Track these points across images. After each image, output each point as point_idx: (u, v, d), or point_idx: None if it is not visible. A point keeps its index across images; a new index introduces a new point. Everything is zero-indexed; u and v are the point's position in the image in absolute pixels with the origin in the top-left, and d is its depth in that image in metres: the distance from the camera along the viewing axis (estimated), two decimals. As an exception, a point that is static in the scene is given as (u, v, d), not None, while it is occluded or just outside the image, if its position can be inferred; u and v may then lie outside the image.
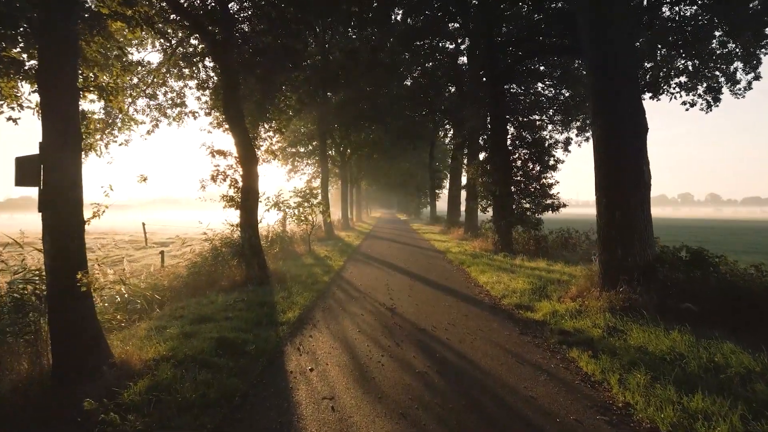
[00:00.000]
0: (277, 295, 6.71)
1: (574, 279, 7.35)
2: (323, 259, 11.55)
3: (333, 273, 9.26)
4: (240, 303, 6.17)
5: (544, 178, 12.97)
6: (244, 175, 8.52)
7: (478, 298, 6.80)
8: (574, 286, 6.44)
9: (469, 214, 18.31)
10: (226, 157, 8.82)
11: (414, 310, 5.97)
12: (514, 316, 5.61)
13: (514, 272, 8.65)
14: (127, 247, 16.80)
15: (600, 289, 5.75)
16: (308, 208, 13.20)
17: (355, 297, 6.87)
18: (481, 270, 9.13)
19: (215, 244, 8.71)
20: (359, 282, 8.24)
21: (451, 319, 5.49)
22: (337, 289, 7.53)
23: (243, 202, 8.52)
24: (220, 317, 5.44)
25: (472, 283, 8.07)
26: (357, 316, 5.68)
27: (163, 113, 10.94)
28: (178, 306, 6.23)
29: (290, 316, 5.58)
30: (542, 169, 12.96)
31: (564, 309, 5.54)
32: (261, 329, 5.01)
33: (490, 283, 7.71)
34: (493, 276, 8.29)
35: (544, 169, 12.95)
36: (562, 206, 12.83)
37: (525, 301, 6.23)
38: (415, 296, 6.90)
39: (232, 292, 7.16)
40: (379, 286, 7.75)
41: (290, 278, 8.27)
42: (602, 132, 5.78)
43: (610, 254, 5.70)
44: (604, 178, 5.76)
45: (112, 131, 10.44)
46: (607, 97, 5.72)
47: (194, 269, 8.20)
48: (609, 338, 4.44)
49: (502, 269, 9.11)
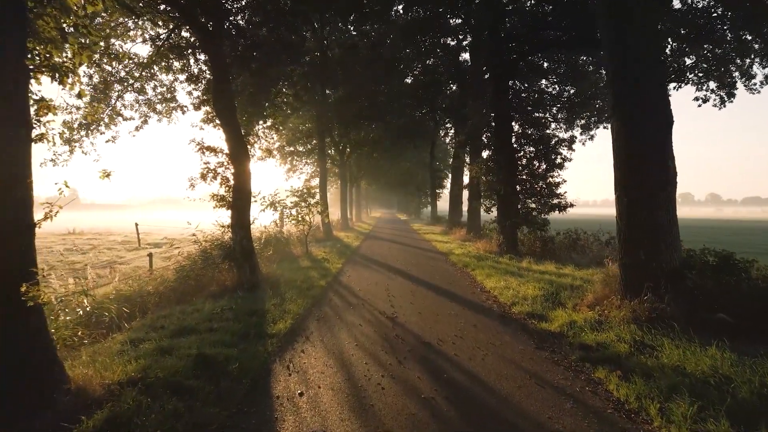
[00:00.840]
0: (268, 303, 6.21)
1: (589, 284, 6.85)
2: (320, 261, 11.05)
3: (330, 277, 8.76)
4: (227, 311, 5.67)
5: (551, 177, 12.47)
6: (236, 172, 8.02)
7: (485, 305, 6.30)
8: (590, 293, 5.94)
9: (471, 215, 17.81)
10: (217, 153, 8.31)
11: (417, 319, 5.47)
12: (527, 327, 5.11)
13: (522, 276, 8.15)
14: (119, 249, 16.30)
15: (621, 296, 5.25)
16: (305, 208, 12.69)
17: (353, 304, 6.37)
18: (486, 274, 8.63)
19: (205, 246, 8.20)
20: (358, 287, 7.74)
21: (458, 330, 4.99)
22: (334, 295, 7.03)
23: (234, 202, 8.02)
24: (204, 328, 4.94)
25: (478, 289, 7.56)
26: (355, 326, 5.18)
27: (152, 108, 10.43)
28: (160, 315, 5.73)
29: (281, 327, 5.07)
30: (548, 167, 12.46)
31: (582, 319, 5.04)
32: (248, 342, 4.51)
33: (498, 288, 7.21)
34: (501, 280, 7.78)
35: (550, 168, 12.45)
36: (569, 206, 12.34)
37: (537, 309, 5.73)
38: (418, 303, 6.40)
39: (221, 298, 6.66)
40: (379, 292, 7.25)
41: (284, 283, 7.77)
42: (623, 125, 5.28)
43: (632, 258, 5.20)
44: (626, 175, 5.26)
45: (98, 127, 9.93)
46: (629, 85, 5.22)
47: (182, 273, 7.71)
48: (638, 355, 3.93)
49: (509, 273, 8.61)
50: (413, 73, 24.95)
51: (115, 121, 10.29)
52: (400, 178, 45.70)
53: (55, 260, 13.19)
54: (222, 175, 8.32)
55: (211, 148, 8.24)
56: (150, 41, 9.54)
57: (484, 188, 13.52)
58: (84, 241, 19.72)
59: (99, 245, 17.71)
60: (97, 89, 9.41)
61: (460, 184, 21.03)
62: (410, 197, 55.98)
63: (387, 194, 70.81)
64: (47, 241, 19.69)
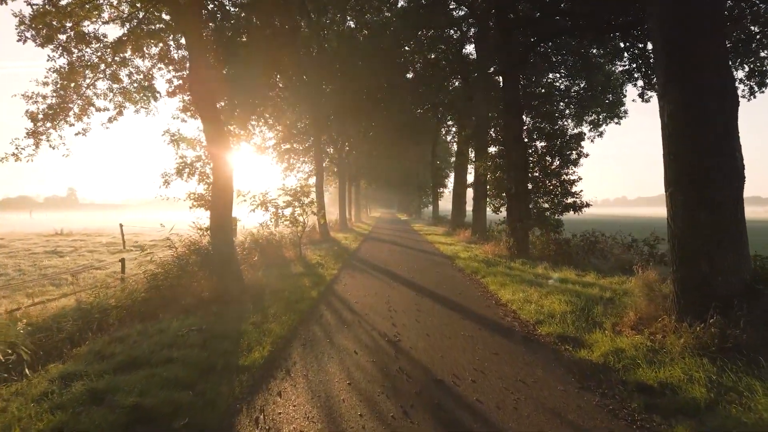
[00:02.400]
0: (247, 321, 5.22)
1: (624, 298, 5.88)
2: (314, 266, 10.06)
3: (324, 285, 7.78)
4: (195, 334, 4.69)
5: (565, 174, 11.50)
6: (215, 168, 7.05)
7: (504, 323, 5.32)
8: (630, 310, 4.95)
9: (476, 215, 16.84)
10: (195, 146, 7.34)
11: (425, 344, 4.49)
12: (561, 356, 4.13)
13: (541, 286, 7.16)
14: (102, 251, 15.30)
15: (676, 317, 4.26)
16: (299, 208, 11.71)
17: (347, 322, 5.39)
18: (500, 282, 7.65)
19: (181, 251, 7.21)
20: (354, 298, 6.76)
21: (476, 360, 4.01)
22: (326, 310, 6.04)
23: (213, 201, 7.05)
24: (160, 359, 3.96)
25: (492, 301, 6.58)
26: (348, 354, 4.20)
27: (128, 98, 9.43)
28: (116, 336, 4.75)
29: (257, 356, 4.09)
30: (562, 163, 11.49)
31: (630, 346, 4.06)
32: (210, 380, 3.53)
33: (516, 301, 6.23)
34: (518, 291, 6.80)
35: (564, 164, 11.48)
36: (585, 206, 11.37)
37: (570, 330, 4.75)
38: (425, 320, 5.42)
39: (194, 313, 5.69)
40: (379, 305, 6.26)
41: (270, 294, 6.78)
42: (679, 105, 4.29)
43: (690, 269, 4.22)
44: (682, 168, 4.27)
45: (66, 117, 8.94)
46: (688, 55, 4.23)
47: (153, 283, 6.72)
48: (723, 404, 2.95)
49: (526, 281, 7.63)
50: (414, 68, 23.97)
51: (88, 112, 9.29)
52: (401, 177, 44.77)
53: (28, 264, 12.21)
54: (201, 171, 7.33)
55: (187, 139, 7.26)
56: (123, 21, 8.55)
57: (492, 186, 12.55)
58: (68, 243, 18.72)
59: (82, 247, 16.72)
60: (63, 75, 8.42)
61: (463, 183, 20.05)
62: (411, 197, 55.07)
63: (387, 194, 69.82)
64: (29, 243, 18.71)
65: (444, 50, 21.71)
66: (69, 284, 8.84)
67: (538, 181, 11.68)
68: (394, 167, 41.69)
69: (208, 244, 7.24)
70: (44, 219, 57.17)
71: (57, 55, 8.34)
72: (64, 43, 8.34)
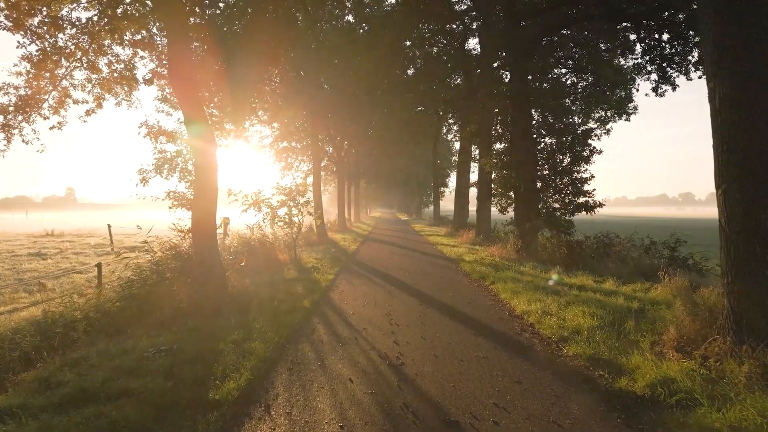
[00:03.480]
0: (226, 338, 4.54)
1: (659, 309, 5.19)
2: (309, 270, 9.38)
3: (318, 293, 7.09)
4: (163, 355, 4.01)
5: (576, 172, 10.83)
6: (198, 164, 6.36)
7: (523, 341, 4.63)
8: (671, 326, 4.27)
9: (480, 215, 16.15)
10: (176, 141, 6.65)
11: (433, 369, 3.81)
12: (596, 385, 3.44)
13: (558, 294, 6.48)
14: (89, 254, 14.60)
15: (733, 338, 3.58)
16: (294, 208, 11.03)
17: (343, 339, 4.70)
18: (511, 289, 6.96)
19: (159, 256, 6.51)
20: (351, 308, 6.07)
21: (496, 392, 3.33)
22: (319, 323, 5.36)
23: (196, 200, 6.37)
24: (115, 390, 3.28)
25: (505, 311, 5.90)
26: (342, 384, 3.51)
27: (108, 89, 8.73)
28: (70, 359, 4.07)
29: (231, 386, 3.39)
30: (574, 160, 10.81)
31: (680, 373, 3.38)
32: (169, 422, 2.85)
33: (533, 313, 5.54)
34: (533, 300, 6.11)
35: (575, 161, 10.80)
36: (598, 206, 10.69)
37: (601, 350, 4.06)
38: (431, 337, 4.73)
39: (169, 327, 5.02)
40: (379, 318, 5.58)
41: (258, 303, 6.10)
42: (737, 87, 3.61)
43: (751, 282, 3.53)
44: (742, 161, 3.59)
45: (40, 109, 8.26)
46: (748, 26, 3.54)
47: (128, 291, 6.05)
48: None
49: (540, 288, 6.94)
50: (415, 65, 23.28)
51: (64, 105, 8.61)
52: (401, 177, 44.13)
53: (6, 268, 11.51)
54: (182, 168, 6.65)
55: (166, 132, 6.57)
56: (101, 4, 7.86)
57: (498, 185, 11.87)
58: (56, 244, 18.02)
59: (68, 249, 16.01)
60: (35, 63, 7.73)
61: (466, 182, 19.36)
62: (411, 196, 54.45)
63: (387, 193, 69.20)
64: (15, 244, 18.02)
65: (445, 45, 21.03)
66: (44, 290, 8.16)
67: (548, 179, 11.01)
68: (394, 166, 41.02)
69: (189, 248, 6.55)
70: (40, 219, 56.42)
71: (28, 41, 7.65)
72: (36, 28, 7.65)
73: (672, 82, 12.43)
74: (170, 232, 7.10)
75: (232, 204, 10.43)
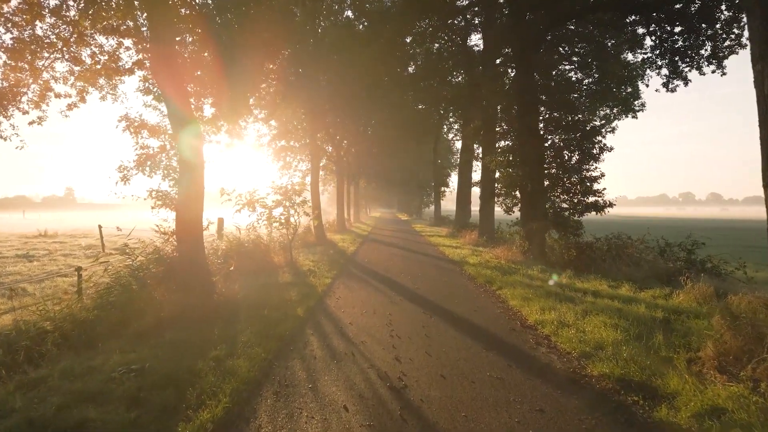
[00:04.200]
0: (207, 354, 4.04)
1: (684, 320, 4.71)
2: (305, 274, 8.89)
3: (314, 299, 6.60)
4: (133, 377, 3.52)
5: (585, 171, 10.34)
6: (183, 160, 5.87)
7: (540, 357, 4.14)
8: (709, 342, 3.78)
9: (483, 215, 15.66)
10: (158, 135, 6.16)
11: (440, 393, 3.32)
12: (632, 415, 2.95)
13: (573, 301, 6.00)
14: (78, 255, 14.10)
15: (788, 359, 3.10)
16: (290, 207, 10.53)
17: (338, 355, 4.21)
18: (521, 296, 6.47)
19: (139, 260, 6.01)
20: (349, 317, 5.59)
21: (515, 424, 2.84)
22: (312, 335, 4.87)
23: (181, 200, 5.88)
24: (70, 422, 2.79)
25: (516, 321, 5.41)
26: (336, 413, 3.03)
27: (91, 82, 8.24)
28: (27, 381, 3.59)
29: (206, 417, 2.90)
30: (583, 158, 10.33)
31: (730, 401, 2.89)
32: (126, 467, 2.36)
33: (548, 323, 5.05)
34: (546, 309, 5.62)
35: (584, 159, 10.32)
36: (609, 205, 10.21)
37: (632, 371, 3.57)
38: (437, 352, 4.24)
39: (146, 340, 4.54)
40: (379, 328, 5.09)
41: (246, 312, 5.60)
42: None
43: (808, 296, 3.04)
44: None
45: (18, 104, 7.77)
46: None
47: (106, 298, 5.56)
48: None
49: (552, 295, 6.45)
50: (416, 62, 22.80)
51: (46, 99, 8.13)
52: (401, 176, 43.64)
53: (-10, 270, 11.02)
54: (167, 164, 6.17)
55: (148, 126, 6.08)
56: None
57: (504, 184, 11.38)
58: (47, 245, 17.53)
59: (58, 250, 15.53)
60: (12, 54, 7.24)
61: (468, 181, 18.87)
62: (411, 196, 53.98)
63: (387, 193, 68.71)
64: (5, 245, 17.52)
65: (447, 41, 20.55)
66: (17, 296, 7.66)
67: (556, 178, 10.53)
68: (394, 166, 40.54)
69: (173, 251, 6.07)
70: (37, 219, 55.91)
71: (3, 30, 7.16)
72: (11, 15, 7.16)
73: (684, 77, 11.95)
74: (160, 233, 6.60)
75: (225, 204, 9.97)
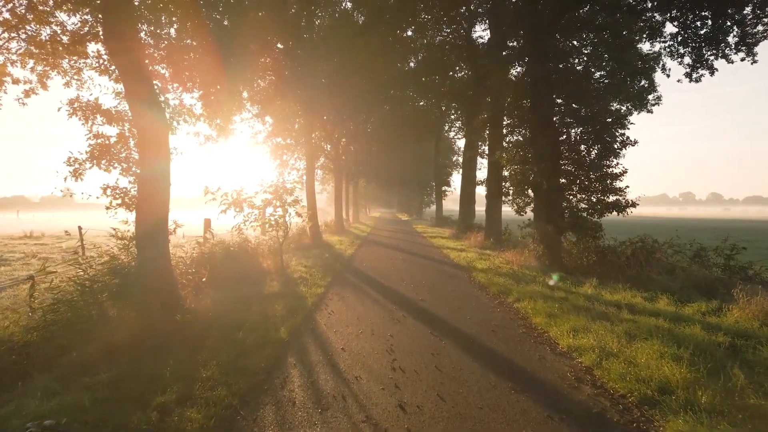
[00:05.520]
0: (151, 402, 3.08)
1: (764, 348, 3.76)
2: (296, 282, 7.93)
3: (301, 315, 5.64)
4: (38, 441, 2.57)
5: (606, 167, 9.38)
6: (144, 150, 4.92)
7: (586, 402, 3.18)
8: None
9: (490, 216, 14.70)
10: (116, 122, 5.20)
11: (463, 468, 2.37)
12: None
13: (608, 319, 5.05)
14: (57, 259, 13.14)
15: None
16: (280, 207, 9.58)
17: (324, 400, 3.25)
18: (545, 311, 5.51)
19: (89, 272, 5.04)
20: (341, 341, 4.63)
21: None
22: (294, 367, 3.91)
23: (142, 199, 4.93)
24: None
25: (545, 346, 4.44)
26: (313, 508, 2.07)
27: (52, 65, 7.27)
28: None
29: None
30: (603, 153, 9.37)
31: None
32: None
33: (585, 350, 4.08)
34: (580, 330, 4.66)
35: (605, 154, 9.36)
36: (631, 205, 9.24)
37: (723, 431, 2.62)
38: (452, 396, 3.29)
39: (80, 377, 3.58)
40: (377, 357, 4.14)
41: (218, 333, 4.64)
42: None
43: None
44: None
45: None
46: None
47: (51, 317, 4.61)
48: None
49: (581, 309, 5.49)
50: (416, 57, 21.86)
51: (2, 86, 7.16)
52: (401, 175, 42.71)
53: (-48, 276, 10.06)
54: (126, 156, 5.21)
55: (103, 110, 5.12)
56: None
57: (515, 182, 10.41)
58: (27, 248, 16.57)
59: (39, 253, 14.57)
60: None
61: (473, 179, 17.90)
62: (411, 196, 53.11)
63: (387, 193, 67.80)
64: (-16, 248, 16.54)
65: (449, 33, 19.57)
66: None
67: (572, 175, 9.56)
68: (394, 165, 39.61)
69: (131, 259, 5.11)
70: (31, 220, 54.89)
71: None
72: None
73: (710, 65, 11.02)
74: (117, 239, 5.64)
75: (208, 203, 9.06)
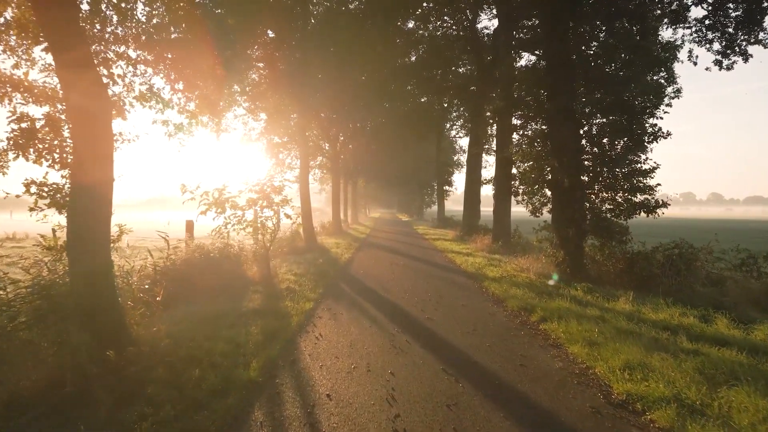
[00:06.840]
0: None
1: None
2: (281, 295, 6.87)
3: (281, 341, 4.57)
4: None
5: (634, 162, 8.34)
6: (77, 138, 3.87)
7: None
8: None
9: (498, 217, 13.64)
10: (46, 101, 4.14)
11: None
12: None
13: (666, 350, 3.99)
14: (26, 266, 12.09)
15: None
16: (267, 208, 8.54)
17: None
18: (583, 336, 4.45)
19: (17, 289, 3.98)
20: (328, 381, 3.57)
21: None
22: (260, 430, 2.85)
23: (75, 196, 3.87)
24: None
25: (596, 391, 3.38)
26: None
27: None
28: None
29: None
30: (631, 146, 8.33)
31: None
32: None
33: (655, 401, 3.03)
34: (636, 366, 3.60)
35: (633, 147, 8.32)
36: (662, 205, 8.19)
37: None
38: (483, 482, 2.24)
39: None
40: (374, 411, 3.08)
41: (167, 373, 3.58)
42: None
43: None
44: None
45: None
46: None
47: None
48: None
49: (629, 334, 4.43)
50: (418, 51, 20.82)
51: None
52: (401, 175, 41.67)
53: None
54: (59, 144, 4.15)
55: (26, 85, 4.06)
56: None
57: (528, 181, 9.35)
58: (4, 251, 15.54)
59: (10, 256, 13.51)
60: None
61: (478, 178, 16.85)
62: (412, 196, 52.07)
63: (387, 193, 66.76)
64: (-44, 251, 15.47)
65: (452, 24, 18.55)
66: None
67: (596, 172, 8.52)
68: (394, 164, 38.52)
69: (64, 274, 4.06)
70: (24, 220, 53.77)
71: None
72: None
73: (743, 51, 9.99)
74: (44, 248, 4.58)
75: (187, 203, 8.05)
